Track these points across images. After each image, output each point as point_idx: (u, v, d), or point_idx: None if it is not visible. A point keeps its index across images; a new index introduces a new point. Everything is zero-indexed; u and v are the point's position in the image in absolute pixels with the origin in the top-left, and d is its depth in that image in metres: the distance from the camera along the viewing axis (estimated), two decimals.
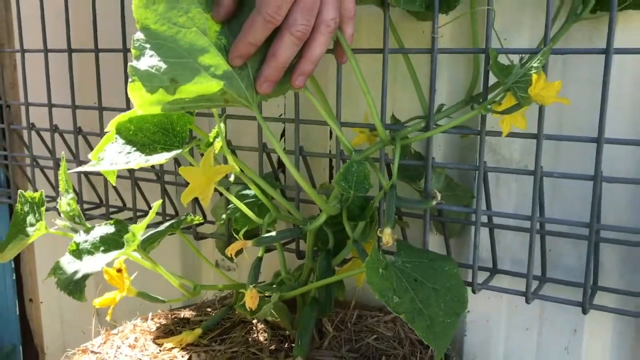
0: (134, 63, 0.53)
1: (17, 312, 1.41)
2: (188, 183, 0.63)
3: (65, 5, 0.95)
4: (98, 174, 0.95)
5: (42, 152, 1.08)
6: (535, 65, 0.58)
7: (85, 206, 1.05)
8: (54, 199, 1.10)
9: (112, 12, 0.91)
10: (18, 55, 1.17)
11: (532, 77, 0.58)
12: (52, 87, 1.00)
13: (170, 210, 0.98)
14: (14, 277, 1.39)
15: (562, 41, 0.69)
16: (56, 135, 1.02)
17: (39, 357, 1.44)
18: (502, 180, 0.78)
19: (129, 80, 0.53)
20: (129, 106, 0.89)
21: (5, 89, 1.20)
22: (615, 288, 0.71)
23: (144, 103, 0.54)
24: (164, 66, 0.53)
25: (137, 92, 0.53)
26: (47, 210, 0.70)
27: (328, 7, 0.56)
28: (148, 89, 0.52)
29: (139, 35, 0.54)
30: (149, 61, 0.53)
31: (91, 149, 1.00)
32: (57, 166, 1.03)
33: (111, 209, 1.03)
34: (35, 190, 1.12)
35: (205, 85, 0.55)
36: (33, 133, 1.06)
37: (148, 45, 0.54)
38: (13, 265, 1.37)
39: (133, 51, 0.53)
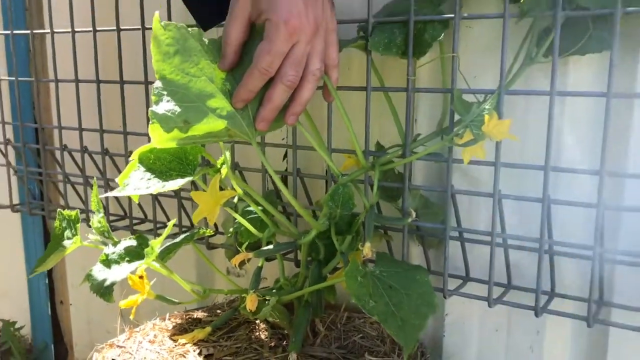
0: (154, 108, 0.65)
1: (49, 314, 1.54)
2: None
3: (94, 43, 1.08)
4: None
5: (73, 169, 1.21)
6: (487, 107, 0.69)
7: (112, 218, 1.18)
8: (83, 212, 1.23)
9: (135, 49, 1.04)
10: (52, 84, 1.30)
11: (485, 116, 0.69)
12: (82, 112, 1.13)
13: (186, 222, 1.11)
14: (47, 282, 1.52)
15: (523, 81, 0.80)
16: (85, 155, 1.15)
17: (68, 353, 1.57)
18: (474, 199, 0.89)
19: (150, 122, 0.65)
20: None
21: (40, 113, 1.34)
22: (568, 294, 0.81)
23: (162, 140, 0.66)
24: (178, 110, 0.65)
25: (156, 131, 0.65)
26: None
27: (314, 59, 0.68)
28: (165, 129, 0.64)
29: (158, 84, 0.66)
30: (166, 106, 0.65)
31: (116, 167, 1.13)
32: (86, 182, 1.17)
33: (134, 221, 1.15)
34: (67, 203, 1.25)
35: (212, 125, 0.67)
36: (65, 153, 1.19)
37: (165, 92, 0.66)
38: (46, 272, 1.51)
39: (153, 97, 0.65)
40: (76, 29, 1.10)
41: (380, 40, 0.79)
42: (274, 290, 0.85)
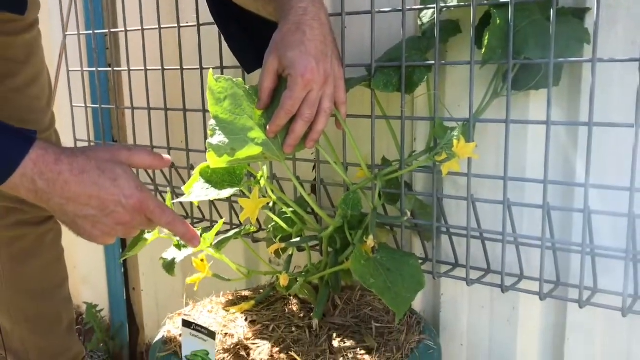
0: (210, 140, 0.90)
1: (125, 298, 1.84)
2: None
3: (162, 78, 1.35)
4: None
5: (145, 179, 1.49)
6: (455, 134, 0.92)
7: None
8: None
9: (195, 83, 1.31)
10: (128, 111, 1.59)
11: (454, 140, 0.92)
12: (153, 133, 1.41)
13: (235, 220, 1.37)
14: (122, 271, 1.82)
15: (497, 110, 1.02)
16: None
17: (139, 332, 1.86)
18: (461, 202, 1.11)
19: (207, 150, 0.90)
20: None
21: (119, 133, 1.63)
22: (536, 277, 1.03)
23: (216, 163, 0.91)
24: (227, 141, 0.90)
25: (211, 157, 0.90)
26: None
27: (325, 100, 0.92)
28: (217, 155, 0.90)
29: (212, 122, 0.91)
30: (218, 138, 0.90)
31: (181, 177, 1.40)
32: (156, 190, 1.44)
33: (194, 220, 1.42)
34: None
35: (252, 150, 0.92)
36: None
37: (217, 128, 0.91)
38: (122, 262, 1.80)
39: (209, 132, 0.90)
40: (148, 68, 1.38)
41: (380, 80, 1.03)
42: (302, 273, 1.10)
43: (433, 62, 0.98)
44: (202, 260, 0.98)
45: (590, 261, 0.95)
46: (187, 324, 0.95)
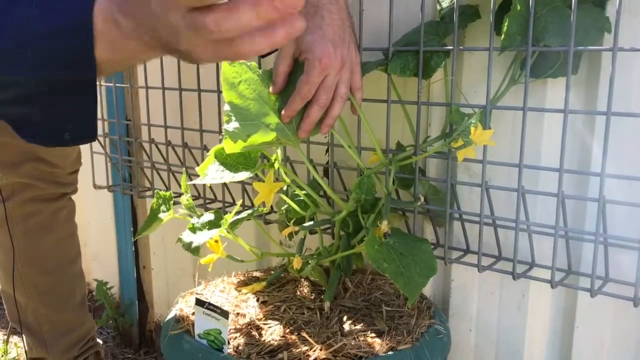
0: (225, 126, 0.89)
1: (135, 276, 1.86)
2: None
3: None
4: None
5: (158, 159, 1.50)
6: (472, 121, 0.92)
7: None
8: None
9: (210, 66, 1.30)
10: (142, 90, 1.59)
11: (471, 127, 0.92)
12: (167, 113, 1.41)
13: (247, 202, 1.37)
14: (133, 250, 1.84)
15: (513, 97, 1.01)
16: (169, 147, 1.44)
17: (149, 310, 1.89)
18: (473, 188, 1.11)
19: (223, 137, 0.90)
20: (220, 129, 1.29)
21: (133, 112, 1.63)
22: (547, 265, 1.03)
23: (231, 148, 0.90)
24: (242, 127, 0.90)
25: (227, 143, 0.89)
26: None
27: (341, 86, 0.92)
28: (233, 141, 0.89)
29: (227, 107, 0.91)
30: (233, 124, 0.89)
31: (194, 158, 1.41)
32: (169, 170, 1.45)
33: (207, 201, 1.43)
34: (153, 185, 1.54)
35: (267, 136, 0.92)
36: (153, 145, 1.48)
37: (232, 114, 0.90)
38: (133, 241, 1.82)
39: (224, 118, 0.90)
40: None
41: (397, 64, 1.02)
42: (314, 255, 1.11)
43: (451, 47, 0.98)
44: (216, 242, 0.99)
45: (602, 250, 0.95)
46: (200, 302, 0.96)
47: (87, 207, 1.95)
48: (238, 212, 1.16)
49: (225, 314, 0.93)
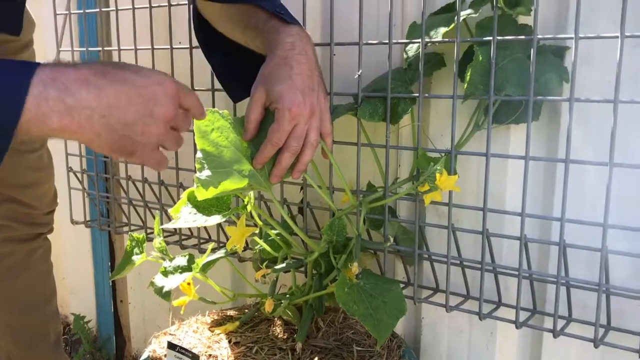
0: (198, 175, 0.90)
1: (112, 310, 1.85)
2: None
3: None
4: None
5: (135, 195, 1.51)
6: (437, 167, 0.95)
7: (165, 234, 1.47)
8: (141, 227, 1.53)
9: None
10: None
11: (437, 174, 0.95)
12: None
13: (222, 238, 1.39)
14: (110, 284, 1.84)
15: (478, 141, 1.05)
16: (146, 184, 1.45)
17: (126, 344, 1.88)
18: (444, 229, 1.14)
19: (195, 185, 0.92)
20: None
21: None
22: (513, 304, 1.06)
23: (203, 195, 0.91)
24: (214, 174, 0.92)
25: (199, 191, 0.90)
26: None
27: (311, 133, 0.94)
28: (205, 189, 0.91)
29: (199, 154, 0.92)
30: (205, 172, 0.91)
31: (170, 195, 1.42)
32: (146, 206, 1.46)
33: (182, 237, 1.45)
34: (130, 222, 1.55)
35: (239, 182, 0.93)
36: (130, 182, 1.49)
37: (205, 162, 0.91)
38: (110, 276, 1.82)
39: (197, 166, 0.92)
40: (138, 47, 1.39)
41: (366, 110, 1.06)
42: (287, 295, 1.13)
43: (417, 94, 1.01)
44: (188, 284, 1.00)
45: (565, 291, 0.98)
46: (172, 346, 0.97)
47: (65, 241, 1.94)
48: (213, 250, 1.18)
49: (195, 358, 0.94)
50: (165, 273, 1.02)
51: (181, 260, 1.03)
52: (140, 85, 0.70)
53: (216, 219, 0.98)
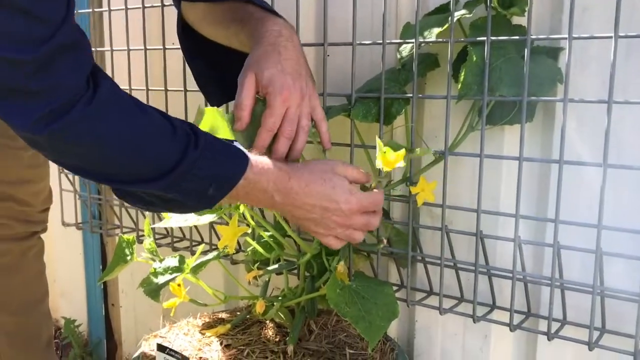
0: None
1: (103, 314, 1.83)
2: None
3: (147, 96, 1.37)
4: None
5: None
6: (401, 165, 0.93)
7: (157, 236, 1.46)
8: (133, 230, 1.51)
9: (180, 109, 1.32)
10: None
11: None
12: None
13: (215, 240, 1.38)
14: (102, 287, 1.82)
15: (472, 142, 1.04)
16: None
17: (117, 348, 1.86)
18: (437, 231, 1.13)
19: None
20: None
21: None
22: (507, 307, 1.05)
23: None
24: None
25: None
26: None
27: (303, 118, 0.93)
28: None
29: None
30: None
31: None
32: (137, 208, 1.45)
33: (175, 239, 1.43)
34: (121, 223, 1.54)
35: None
36: None
37: None
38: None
39: None
40: (133, 88, 1.39)
41: (359, 111, 1.05)
42: (279, 297, 1.11)
43: (411, 95, 1.00)
44: (178, 285, 0.99)
45: (559, 294, 0.97)
46: (161, 348, 0.96)
47: (57, 244, 1.93)
48: (204, 252, 1.17)
49: None
50: (155, 274, 1.01)
51: (172, 261, 1.02)
52: (328, 199, 0.89)
53: (208, 217, 0.97)
